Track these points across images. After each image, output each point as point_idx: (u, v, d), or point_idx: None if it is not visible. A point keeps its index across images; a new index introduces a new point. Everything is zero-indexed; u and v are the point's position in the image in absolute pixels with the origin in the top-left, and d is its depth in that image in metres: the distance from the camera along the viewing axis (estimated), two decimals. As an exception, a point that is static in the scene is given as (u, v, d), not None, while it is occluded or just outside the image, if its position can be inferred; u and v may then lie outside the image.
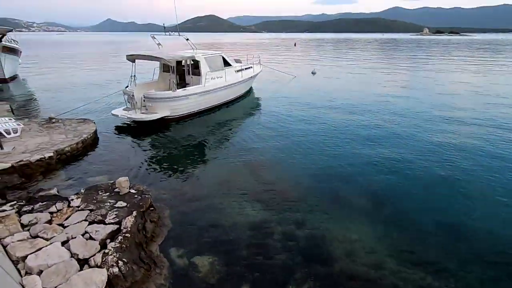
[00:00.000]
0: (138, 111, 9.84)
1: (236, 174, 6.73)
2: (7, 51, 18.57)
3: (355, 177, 6.60)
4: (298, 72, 22.60)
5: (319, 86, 17.19)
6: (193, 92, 10.54)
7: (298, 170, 6.94)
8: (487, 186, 6.15)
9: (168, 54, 10.51)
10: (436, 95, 14.92)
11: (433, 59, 35.62)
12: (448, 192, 6.01)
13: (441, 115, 11.23)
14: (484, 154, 7.66)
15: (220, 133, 9.52)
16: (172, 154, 7.96)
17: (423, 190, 6.09)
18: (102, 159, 7.37)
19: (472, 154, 7.69)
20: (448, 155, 7.60)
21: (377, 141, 8.63)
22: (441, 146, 8.19)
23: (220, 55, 12.29)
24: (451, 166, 7.02)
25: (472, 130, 9.51)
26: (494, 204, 5.59)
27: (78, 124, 8.96)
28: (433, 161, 7.30)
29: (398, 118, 10.82)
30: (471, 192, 5.95)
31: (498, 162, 7.24)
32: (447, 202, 5.69)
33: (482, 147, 8.14)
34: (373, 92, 15.67)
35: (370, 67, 26.91)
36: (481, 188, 6.09)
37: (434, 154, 7.70)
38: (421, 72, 23.96)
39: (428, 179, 6.46)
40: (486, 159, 7.37)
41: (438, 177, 6.56)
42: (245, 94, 14.50)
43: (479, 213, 5.33)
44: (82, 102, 12.19)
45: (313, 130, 9.56)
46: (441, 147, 8.12)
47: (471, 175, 6.60)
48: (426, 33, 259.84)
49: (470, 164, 7.13)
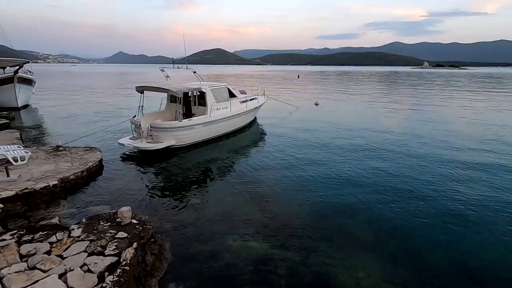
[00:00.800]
0: (144, 140, 10.01)
1: (239, 205, 6.65)
2: (22, 82, 19.45)
3: (361, 209, 6.48)
4: (301, 103, 23.09)
5: (322, 117, 17.45)
6: (199, 122, 10.76)
7: (303, 201, 6.84)
8: (498, 220, 5.97)
9: (176, 86, 10.90)
10: (441, 125, 14.99)
11: (436, 91, 36.30)
12: (458, 226, 5.82)
13: (447, 146, 11.21)
14: (493, 186, 7.52)
15: (224, 163, 9.55)
16: (175, 183, 7.95)
17: (432, 223, 5.92)
18: (106, 188, 7.37)
19: (481, 185, 7.56)
20: (457, 187, 7.48)
21: (382, 172, 8.57)
22: (449, 178, 8.08)
23: (225, 87, 12.70)
24: (460, 198, 6.87)
25: (480, 161, 9.43)
26: (506, 240, 5.38)
27: (84, 152, 9.09)
28: (441, 192, 7.17)
29: (403, 149, 10.81)
30: (482, 226, 5.77)
31: (509, 194, 7.09)
32: (457, 237, 5.49)
33: (491, 178, 8.02)
34: (377, 123, 15.84)
35: (373, 99, 27.42)
36: (492, 222, 5.91)
37: (441, 185, 7.58)
38: (425, 103, 24.31)
39: (436, 212, 6.30)
40: (496, 191, 7.23)
41: (447, 209, 6.39)
42: (250, 124, 14.75)
43: (491, 250, 5.12)
44: (91, 130, 12.48)
45: (317, 161, 9.56)
46: (448, 179, 8.01)
47: (482, 208, 6.43)
48: (426, 66, 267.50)
49: (479, 196, 6.98)
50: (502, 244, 5.29)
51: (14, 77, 18.52)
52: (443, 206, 6.57)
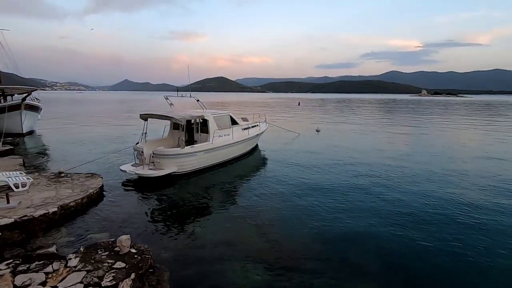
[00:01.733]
0: (146, 167, 10.03)
1: (240, 233, 6.51)
2: (29, 108, 19.93)
3: (365, 236, 6.33)
4: (303, 130, 23.34)
5: (323, 144, 17.55)
6: (201, 149, 10.84)
7: (305, 229, 6.70)
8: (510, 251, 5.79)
9: (179, 114, 11.12)
10: (445, 152, 14.99)
11: (436, 117, 36.76)
12: (466, 255, 5.64)
13: (449, 173, 11.14)
14: (501, 211, 7.38)
15: (225, 190, 9.48)
16: (176, 211, 7.85)
17: (438, 251, 5.74)
18: (106, 215, 7.28)
19: (488, 210, 7.41)
20: (462, 213, 7.33)
21: (386, 199, 8.46)
22: (454, 203, 7.96)
23: (227, 114, 12.94)
24: (466, 224, 6.72)
25: (483, 187, 9.32)
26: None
27: (86, 179, 9.09)
28: (446, 219, 7.03)
29: (406, 176, 10.74)
30: (492, 254, 5.59)
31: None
32: (465, 267, 5.30)
33: (499, 203, 7.88)
34: (379, 150, 15.88)
35: (374, 126, 27.71)
36: (503, 254, 5.73)
37: (447, 212, 7.45)
38: (427, 130, 24.52)
39: (442, 239, 6.14)
40: (503, 216, 7.07)
41: (453, 237, 6.23)
42: (251, 151, 14.82)
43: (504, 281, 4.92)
44: (93, 156, 12.56)
45: (319, 188, 9.48)
46: (453, 205, 7.88)
47: (490, 237, 6.26)
48: (425, 94, 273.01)
49: (486, 224, 6.82)
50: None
51: (21, 104, 19.00)
52: (449, 233, 6.41)
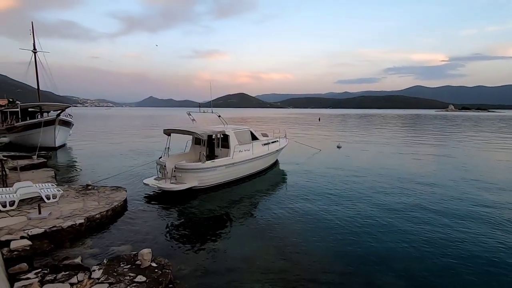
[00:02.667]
0: (168, 181, 10.24)
1: (260, 250, 6.39)
2: (62, 124, 21.23)
3: (390, 259, 6.00)
4: (323, 146, 23.01)
5: (345, 161, 17.16)
6: (221, 164, 10.95)
7: (326, 249, 6.46)
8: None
9: (201, 129, 11.38)
10: (476, 171, 14.17)
11: (465, 134, 35.04)
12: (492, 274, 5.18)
13: (482, 193, 10.47)
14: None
15: (245, 205, 9.43)
16: (196, 225, 7.88)
17: (472, 276, 5.31)
18: (129, 228, 7.44)
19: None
20: (497, 238, 6.80)
21: (411, 219, 8.03)
22: (486, 225, 7.41)
23: (248, 130, 13.07)
24: (503, 251, 6.20)
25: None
26: None
27: (111, 192, 9.40)
28: (477, 241, 6.54)
29: (431, 195, 10.20)
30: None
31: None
32: None
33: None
34: (404, 168, 15.28)
35: (397, 142, 26.82)
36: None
37: (477, 233, 6.94)
38: (455, 147, 23.38)
39: (475, 267, 5.69)
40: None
41: (484, 262, 5.76)
42: (271, 167, 14.76)
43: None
44: (119, 170, 13.02)
45: (340, 205, 9.19)
46: (485, 227, 7.34)
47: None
48: (452, 109, 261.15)
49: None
50: None
51: (56, 119, 20.28)
52: (482, 259, 5.93)
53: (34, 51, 26.17)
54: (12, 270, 4.87)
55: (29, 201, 8.15)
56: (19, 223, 6.72)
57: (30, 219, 6.92)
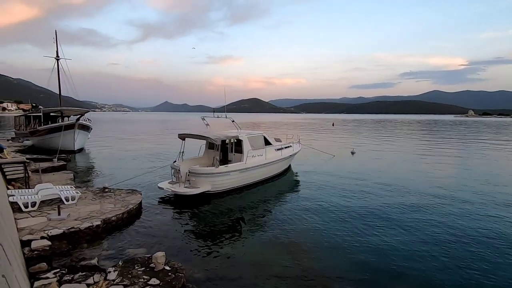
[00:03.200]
0: (182, 185, 10.37)
1: (272, 257, 6.34)
2: (81, 128, 21.95)
3: (405, 269, 5.81)
4: (337, 151, 22.70)
5: (359, 167, 16.85)
6: (235, 168, 10.99)
7: (339, 256, 6.34)
8: None
9: (215, 134, 11.48)
10: (492, 179, 13.60)
11: (483, 139, 33.72)
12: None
13: (500, 202, 10.02)
14: None
15: (258, 211, 9.41)
16: (209, 229, 7.92)
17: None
18: (144, 231, 7.56)
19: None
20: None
21: (428, 231, 7.76)
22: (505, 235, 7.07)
23: (261, 135, 13.08)
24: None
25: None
26: None
27: (126, 195, 9.60)
28: (501, 253, 6.24)
29: (455, 207, 9.83)
30: None
31: None
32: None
33: None
34: (418, 175, 14.85)
35: (412, 149, 26.06)
36: None
37: (500, 244, 6.63)
38: (475, 155, 22.55)
39: (498, 274, 5.42)
40: None
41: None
42: (284, 172, 14.69)
43: None
44: (135, 173, 13.29)
45: (355, 213, 9.01)
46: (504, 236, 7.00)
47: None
48: (472, 115, 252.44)
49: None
50: None
51: (76, 124, 21.01)
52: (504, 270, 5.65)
53: (57, 58, 27.29)
54: (32, 269, 5.03)
55: (50, 202, 8.43)
56: (40, 223, 6.95)
57: (50, 220, 7.16)
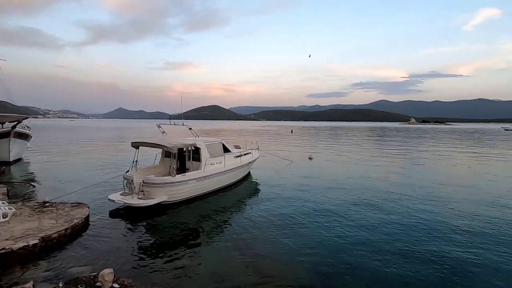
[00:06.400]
0: (135, 196, 9.79)
1: (232, 267, 6.24)
2: (18, 136, 19.66)
3: (362, 270, 6.12)
4: (295, 157, 23.42)
5: (316, 172, 17.55)
6: (192, 177, 10.70)
7: (299, 262, 6.46)
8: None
9: (171, 142, 11.10)
10: (440, 179, 15.13)
11: (424, 145, 37.48)
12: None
13: (439, 199, 11.18)
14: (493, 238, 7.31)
15: (216, 220, 9.23)
16: (165, 242, 7.55)
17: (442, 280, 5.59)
18: (90, 247, 6.94)
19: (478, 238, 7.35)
20: (459, 240, 7.25)
21: (382, 230, 8.33)
22: (447, 228, 7.90)
23: (220, 142, 12.97)
24: (455, 254, 6.62)
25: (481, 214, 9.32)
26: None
27: (71, 209, 8.78)
28: (442, 248, 6.93)
29: (402, 205, 10.71)
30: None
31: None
32: None
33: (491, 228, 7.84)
34: (370, 177, 15.92)
35: (366, 153, 28.02)
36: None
37: (443, 238, 7.37)
38: (419, 157, 24.88)
39: (441, 274, 6.00)
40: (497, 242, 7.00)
41: (451, 270, 6.11)
42: (244, 179, 14.70)
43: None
44: (82, 185, 12.24)
45: (313, 217, 9.32)
46: (445, 230, 7.82)
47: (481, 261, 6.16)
48: (413, 122, 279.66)
49: (475, 250, 6.74)
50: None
51: (11, 131, 18.76)
52: (448, 269, 6.29)
53: (-14, 59, 24.26)
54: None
55: (-25, 221, 7.35)
56: (-39, 246, 6.02)
57: (-25, 241, 6.23)
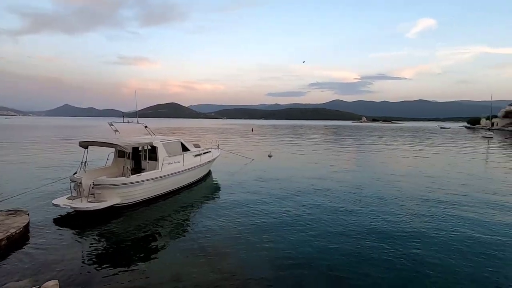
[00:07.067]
0: (84, 199, 9.07)
1: (191, 268, 6.10)
2: None
3: (318, 261, 6.41)
4: (256, 155, 23.68)
5: (276, 169, 17.94)
6: (149, 177, 10.24)
7: (259, 258, 6.56)
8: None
9: (125, 140, 10.49)
10: (383, 171, 16.40)
11: (374, 141, 40.45)
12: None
13: (388, 190, 12.18)
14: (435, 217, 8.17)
15: (175, 220, 8.96)
16: (119, 248, 7.11)
17: (380, 266, 6.08)
18: (31, 258, 6.27)
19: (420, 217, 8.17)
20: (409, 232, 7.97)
21: (338, 220, 8.81)
22: (396, 216, 8.64)
23: (178, 141, 12.59)
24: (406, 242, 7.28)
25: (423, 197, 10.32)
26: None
27: (7, 217, 7.85)
28: (396, 235, 7.55)
29: (356, 196, 11.43)
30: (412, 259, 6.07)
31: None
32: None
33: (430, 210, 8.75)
34: (328, 172, 16.73)
35: (323, 149, 29.44)
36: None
37: (394, 226, 8.03)
38: (370, 152, 26.74)
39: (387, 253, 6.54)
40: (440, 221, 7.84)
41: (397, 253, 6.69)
42: (204, 178, 14.46)
43: None
44: (20, 190, 11.03)
45: (273, 212, 9.52)
46: (395, 217, 8.55)
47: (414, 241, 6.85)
48: (364, 121, 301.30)
49: (419, 229, 7.48)
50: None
51: None
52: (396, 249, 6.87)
53: None
54: None
55: None
56: None
57: None
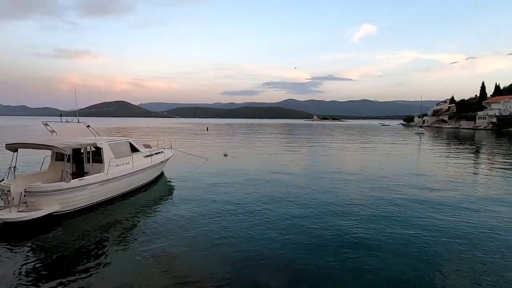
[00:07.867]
0: (14, 209, 7.98)
1: (143, 273, 5.76)
2: None
3: (272, 258, 6.52)
4: (211, 155, 23.34)
5: (231, 168, 17.87)
6: (93, 181, 9.41)
7: (214, 259, 6.45)
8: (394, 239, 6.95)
9: (63, 142, 9.48)
10: (330, 166, 17.40)
11: (323, 138, 42.76)
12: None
13: (335, 182, 12.97)
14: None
15: (126, 226, 8.38)
16: (59, 260, 6.40)
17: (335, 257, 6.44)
18: None
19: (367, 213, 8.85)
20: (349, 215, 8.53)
21: (290, 216, 9.08)
22: (345, 206, 9.23)
23: (126, 141, 11.82)
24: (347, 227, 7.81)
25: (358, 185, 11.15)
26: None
27: None
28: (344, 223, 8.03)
29: (307, 193, 11.91)
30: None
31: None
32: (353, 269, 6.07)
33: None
34: (280, 169, 17.19)
35: (277, 147, 30.25)
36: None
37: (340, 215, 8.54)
38: (322, 146, 28.13)
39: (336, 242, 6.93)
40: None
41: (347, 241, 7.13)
42: (156, 180, 13.79)
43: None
44: None
45: (226, 212, 9.44)
46: (344, 207, 9.13)
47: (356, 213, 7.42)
48: (316, 119, 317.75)
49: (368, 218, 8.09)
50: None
51: None
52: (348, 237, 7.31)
53: None
54: None
55: None
56: None
57: None
